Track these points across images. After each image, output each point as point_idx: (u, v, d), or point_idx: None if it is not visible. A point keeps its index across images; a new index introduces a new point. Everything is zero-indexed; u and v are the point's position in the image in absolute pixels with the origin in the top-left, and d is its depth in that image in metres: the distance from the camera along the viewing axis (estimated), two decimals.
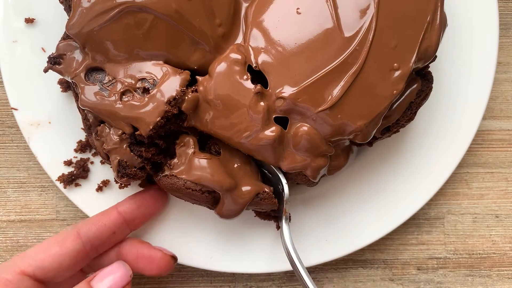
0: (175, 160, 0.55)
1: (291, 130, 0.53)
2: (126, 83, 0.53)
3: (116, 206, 0.60)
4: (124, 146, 0.54)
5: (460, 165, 0.66)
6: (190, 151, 0.55)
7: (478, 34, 0.63)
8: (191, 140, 0.56)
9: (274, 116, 0.52)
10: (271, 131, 0.52)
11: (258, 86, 0.52)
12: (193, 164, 0.54)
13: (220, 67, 0.53)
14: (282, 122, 0.53)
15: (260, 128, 0.52)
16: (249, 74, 0.53)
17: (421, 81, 0.56)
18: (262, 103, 0.52)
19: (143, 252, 0.59)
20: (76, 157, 0.64)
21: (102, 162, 0.64)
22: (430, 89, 0.57)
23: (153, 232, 0.63)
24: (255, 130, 0.52)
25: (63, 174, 0.63)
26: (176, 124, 0.54)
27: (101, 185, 0.64)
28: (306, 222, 0.64)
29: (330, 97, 0.51)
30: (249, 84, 0.52)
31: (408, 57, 0.52)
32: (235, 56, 0.53)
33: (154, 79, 0.53)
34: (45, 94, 0.63)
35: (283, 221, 0.58)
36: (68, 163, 0.63)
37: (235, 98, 0.52)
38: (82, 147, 0.64)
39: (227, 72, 0.53)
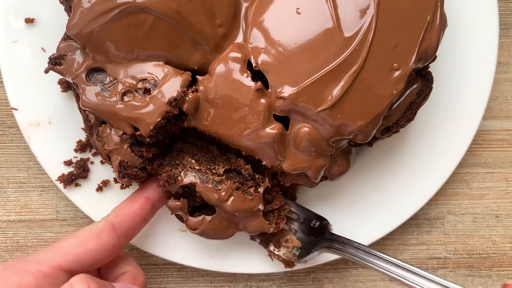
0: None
1: (292, 131, 0.53)
2: (127, 84, 0.53)
3: (141, 191, 0.58)
4: (125, 146, 0.54)
5: (460, 165, 0.66)
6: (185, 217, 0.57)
7: (478, 34, 0.63)
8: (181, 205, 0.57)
9: (273, 114, 0.52)
10: (272, 128, 0.52)
11: (259, 83, 0.52)
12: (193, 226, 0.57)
13: (220, 65, 0.53)
14: (284, 122, 0.53)
15: (261, 126, 0.52)
16: (249, 72, 0.53)
17: (421, 81, 0.55)
18: (263, 100, 0.52)
19: None
20: (76, 157, 0.64)
21: (102, 162, 0.64)
22: (430, 89, 0.57)
23: (153, 233, 0.64)
24: (256, 127, 0.52)
25: (63, 174, 0.63)
26: (177, 124, 0.54)
27: (101, 185, 0.64)
28: None
29: (330, 97, 0.51)
30: (249, 82, 0.52)
31: (408, 57, 0.52)
32: (235, 54, 0.53)
33: (155, 80, 0.53)
34: (45, 94, 0.63)
35: None
36: (68, 163, 0.63)
37: (235, 96, 0.52)
38: (82, 147, 0.64)
39: (227, 70, 0.53)
